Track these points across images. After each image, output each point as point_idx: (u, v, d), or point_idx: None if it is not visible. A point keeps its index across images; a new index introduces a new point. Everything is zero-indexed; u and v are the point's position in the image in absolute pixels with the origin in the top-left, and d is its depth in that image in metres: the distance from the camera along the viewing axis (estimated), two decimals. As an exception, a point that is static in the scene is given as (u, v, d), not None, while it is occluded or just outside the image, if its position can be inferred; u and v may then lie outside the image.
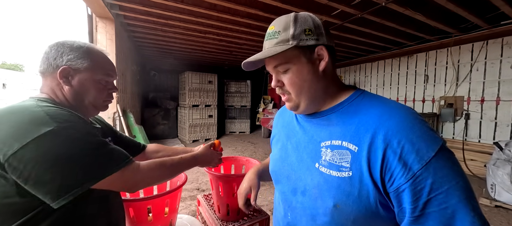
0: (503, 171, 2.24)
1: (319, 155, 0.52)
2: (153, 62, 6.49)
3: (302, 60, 0.51)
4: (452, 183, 0.39)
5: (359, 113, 0.50)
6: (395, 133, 0.43)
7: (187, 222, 1.22)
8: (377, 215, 0.46)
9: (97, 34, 2.99)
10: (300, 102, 0.54)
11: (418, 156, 0.40)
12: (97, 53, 0.67)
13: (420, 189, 0.40)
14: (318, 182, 0.51)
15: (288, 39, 0.50)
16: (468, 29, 3.21)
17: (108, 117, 3.13)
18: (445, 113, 3.61)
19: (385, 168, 0.43)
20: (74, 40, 0.65)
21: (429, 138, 0.42)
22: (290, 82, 0.53)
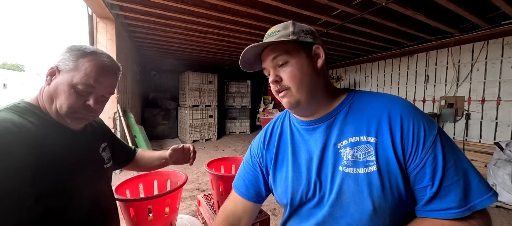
0: (504, 171, 2.23)
1: (340, 156, 0.50)
2: (154, 62, 6.49)
3: (301, 54, 0.53)
4: (455, 156, 0.45)
5: (364, 108, 0.52)
6: (405, 116, 0.47)
7: (187, 222, 1.22)
8: (406, 203, 0.47)
9: (98, 34, 3.00)
10: (301, 97, 0.52)
11: (427, 133, 0.46)
12: (92, 58, 0.60)
13: (435, 165, 0.44)
14: (347, 184, 0.49)
15: (288, 34, 0.52)
16: (468, 29, 3.21)
17: (109, 117, 3.13)
18: (446, 113, 3.61)
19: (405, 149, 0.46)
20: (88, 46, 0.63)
21: (429, 118, 0.49)
22: (290, 75, 0.52)
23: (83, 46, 0.61)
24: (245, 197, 0.67)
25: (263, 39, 0.56)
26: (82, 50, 0.60)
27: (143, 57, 5.75)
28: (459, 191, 0.43)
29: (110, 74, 0.64)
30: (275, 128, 0.67)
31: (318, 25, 3.16)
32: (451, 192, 0.43)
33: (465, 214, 0.42)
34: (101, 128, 0.82)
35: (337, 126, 0.53)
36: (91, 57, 0.60)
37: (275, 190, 0.63)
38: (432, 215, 0.45)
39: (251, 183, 0.67)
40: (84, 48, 0.61)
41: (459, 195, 0.43)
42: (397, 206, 0.47)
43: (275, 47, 0.53)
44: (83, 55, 0.60)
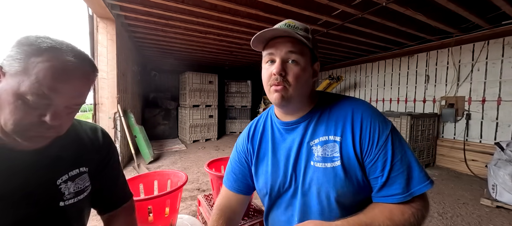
0: (505, 171, 2.23)
1: (312, 153, 0.59)
2: (154, 63, 6.50)
3: (308, 61, 0.59)
4: (402, 152, 0.55)
5: (333, 111, 0.61)
6: (364, 118, 0.57)
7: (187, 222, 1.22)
8: (364, 190, 0.57)
9: (98, 35, 3.00)
10: (294, 97, 0.58)
11: (381, 133, 0.55)
12: (49, 57, 0.43)
13: (385, 160, 0.54)
14: (317, 177, 0.58)
15: (309, 39, 0.58)
16: (469, 29, 3.20)
17: (109, 117, 3.14)
18: (446, 113, 3.60)
19: (363, 146, 0.56)
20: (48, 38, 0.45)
21: (384, 119, 0.58)
22: (296, 75, 0.56)
23: (39, 39, 0.44)
24: (237, 191, 0.73)
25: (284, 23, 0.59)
26: (35, 45, 0.43)
27: (143, 57, 5.75)
28: (403, 180, 0.53)
29: (76, 78, 0.46)
30: (258, 126, 0.73)
31: (318, 25, 3.16)
32: (397, 181, 0.53)
33: (407, 199, 0.52)
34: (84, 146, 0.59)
35: (311, 127, 0.61)
36: (48, 56, 0.43)
37: (256, 182, 0.70)
38: (382, 200, 0.54)
39: (240, 177, 0.73)
40: (39, 43, 0.44)
41: (403, 184, 0.53)
42: (357, 192, 0.57)
43: (296, 43, 0.56)
44: (36, 53, 0.43)
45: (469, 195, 2.58)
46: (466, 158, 3.36)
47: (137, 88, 4.97)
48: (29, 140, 0.46)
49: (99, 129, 0.66)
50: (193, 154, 4.27)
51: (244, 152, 0.72)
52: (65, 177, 0.53)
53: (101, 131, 0.66)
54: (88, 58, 0.50)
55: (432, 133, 3.63)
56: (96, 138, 0.63)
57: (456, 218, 2.08)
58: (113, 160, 0.66)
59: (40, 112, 0.44)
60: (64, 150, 0.55)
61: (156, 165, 3.58)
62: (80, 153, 0.58)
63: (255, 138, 0.71)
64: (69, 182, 0.54)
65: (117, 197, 0.68)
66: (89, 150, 0.60)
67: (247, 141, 0.72)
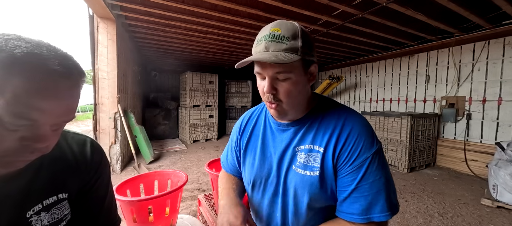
0: (505, 171, 2.23)
1: (295, 158, 0.60)
2: (154, 63, 6.50)
3: (301, 72, 0.54)
4: (376, 177, 0.54)
5: (324, 121, 0.60)
6: (352, 133, 0.56)
7: (188, 222, 1.22)
8: (332, 199, 0.59)
9: (99, 35, 3.01)
10: (289, 111, 0.58)
11: (361, 153, 0.54)
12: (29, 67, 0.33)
13: (354, 179, 0.54)
14: (295, 182, 0.59)
15: (298, 49, 0.51)
16: (469, 29, 3.20)
17: (109, 118, 3.14)
18: (447, 113, 3.60)
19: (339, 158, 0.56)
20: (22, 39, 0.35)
21: (371, 140, 0.56)
22: (287, 92, 0.54)
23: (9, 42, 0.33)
24: (233, 173, 0.80)
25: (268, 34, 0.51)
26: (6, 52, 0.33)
27: (143, 57, 5.76)
28: (364, 204, 0.53)
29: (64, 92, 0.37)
30: (251, 118, 0.74)
31: (319, 25, 3.16)
32: (358, 202, 0.54)
33: (363, 221, 0.53)
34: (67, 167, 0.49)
35: (301, 133, 0.61)
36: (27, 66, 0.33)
37: (243, 171, 0.74)
38: (341, 215, 0.56)
39: (233, 162, 0.79)
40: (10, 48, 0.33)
41: (363, 206, 0.53)
42: (329, 200, 0.59)
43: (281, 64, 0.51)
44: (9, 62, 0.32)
45: (470, 195, 2.57)
46: (466, 158, 3.35)
47: (138, 88, 4.98)
48: (6, 167, 0.38)
49: (89, 142, 0.55)
50: (193, 154, 4.27)
51: (236, 142, 0.76)
52: (38, 207, 0.44)
53: (90, 144, 0.55)
54: (75, 62, 0.40)
55: (433, 133, 3.63)
56: (83, 154, 0.53)
57: (456, 218, 2.08)
58: (101, 179, 0.55)
59: (21, 135, 0.35)
60: (40, 174, 0.45)
61: (157, 165, 3.58)
62: (60, 176, 0.48)
63: (245, 131, 0.73)
64: (43, 212, 0.44)
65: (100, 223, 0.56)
66: (73, 171, 0.50)
67: (238, 132, 0.75)
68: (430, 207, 2.29)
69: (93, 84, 3.05)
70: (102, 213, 0.56)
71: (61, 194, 0.47)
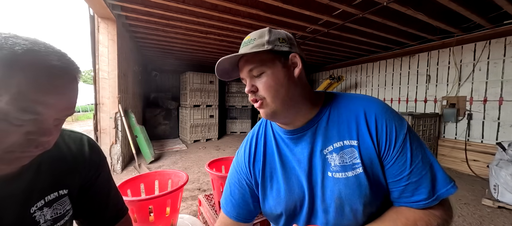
0: (506, 171, 2.22)
1: (327, 163, 0.52)
2: (155, 63, 6.51)
3: (277, 64, 0.52)
4: (422, 152, 0.50)
5: (342, 112, 0.54)
6: (379, 116, 0.51)
7: (188, 222, 1.22)
8: (381, 196, 0.52)
9: (99, 35, 3.01)
10: (277, 108, 0.52)
11: (398, 133, 0.50)
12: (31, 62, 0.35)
13: (405, 162, 0.49)
14: (339, 190, 0.50)
15: (263, 44, 0.51)
16: (470, 29, 3.19)
17: (110, 118, 3.15)
18: (448, 113, 3.59)
19: (380, 147, 0.50)
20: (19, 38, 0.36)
21: (399, 117, 0.52)
22: (265, 86, 0.51)
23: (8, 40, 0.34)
24: (236, 219, 0.63)
25: (240, 46, 0.55)
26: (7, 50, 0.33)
27: (144, 57, 5.76)
28: (427, 184, 0.48)
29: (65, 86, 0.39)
30: (259, 139, 0.64)
31: (319, 25, 3.15)
32: (422, 184, 0.48)
33: (434, 203, 0.48)
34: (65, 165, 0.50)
35: (321, 132, 0.54)
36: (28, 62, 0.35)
37: (266, 202, 0.60)
38: (407, 205, 0.50)
39: (240, 202, 0.63)
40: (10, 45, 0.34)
41: (428, 187, 0.48)
42: (381, 198, 0.52)
43: (250, 58, 0.52)
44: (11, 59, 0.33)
45: (471, 195, 2.57)
46: (467, 158, 3.35)
47: (138, 88, 4.98)
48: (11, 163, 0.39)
49: (86, 140, 0.56)
50: (193, 154, 4.28)
51: (245, 173, 0.63)
52: (40, 203, 0.46)
53: (88, 143, 0.56)
54: (71, 58, 0.41)
55: (433, 133, 3.62)
56: (81, 153, 0.54)
57: (457, 218, 2.08)
58: (101, 176, 0.57)
59: (26, 130, 0.36)
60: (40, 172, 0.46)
61: (157, 165, 3.59)
62: (59, 174, 0.49)
63: (257, 156, 0.61)
64: (45, 208, 0.46)
65: (111, 215, 0.60)
66: (71, 169, 0.51)
67: (249, 161, 0.62)
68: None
69: (94, 84, 3.05)
70: (109, 205, 0.59)
71: (61, 190, 0.49)
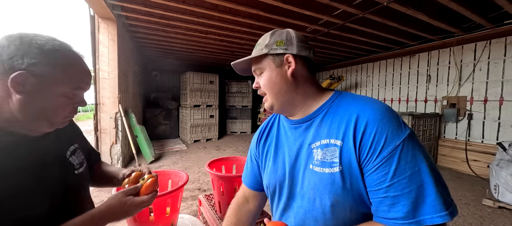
0: (507, 171, 2.22)
1: (312, 156, 0.56)
2: (155, 63, 6.51)
3: (272, 65, 0.60)
4: (415, 169, 0.45)
5: (340, 111, 0.56)
6: (370, 123, 0.49)
7: (188, 221, 1.22)
8: (365, 204, 0.51)
9: (99, 35, 3.01)
10: (273, 102, 0.61)
11: (387, 143, 0.47)
12: (70, 58, 0.53)
13: (386, 173, 0.46)
14: (315, 182, 0.54)
15: (263, 48, 0.61)
16: (471, 29, 3.19)
17: (110, 118, 3.15)
18: (448, 113, 3.59)
19: (361, 154, 0.49)
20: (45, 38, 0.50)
21: (397, 128, 0.48)
22: (263, 83, 0.62)
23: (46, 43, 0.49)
24: (251, 187, 0.76)
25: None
26: (56, 52, 0.50)
27: (144, 57, 5.77)
28: (407, 203, 0.44)
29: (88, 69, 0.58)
30: (270, 123, 0.74)
31: (319, 25, 3.15)
32: (399, 203, 0.45)
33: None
34: (69, 128, 0.66)
35: (314, 128, 0.58)
36: (74, 60, 0.54)
37: (263, 176, 0.71)
38: (380, 221, 0.48)
39: (253, 174, 0.76)
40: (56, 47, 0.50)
41: (407, 207, 0.44)
42: (357, 205, 0.51)
43: (254, 60, 0.63)
44: (61, 58, 0.51)
45: (471, 195, 2.56)
46: (468, 158, 3.34)
47: (138, 88, 4.99)
48: (62, 125, 0.56)
49: None
50: (194, 154, 4.28)
51: (255, 150, 0.75)
52: (69, 151, 0.63)
53: None
54: None
55: (434, 133, 3.62)
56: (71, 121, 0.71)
57: (458, 218, 2.08)
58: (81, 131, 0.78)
59: (74, 101, 0.55)
60: (58, 133, 0.61)
61: (157, 165, 3.59)
62: (67, 133, 0.65)
63: (263, 137, 0.73)
64: (73, 155, 0.63)
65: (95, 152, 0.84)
66: (71, 129, 0.69)
67: (258, 138, 0.74)
68: None
69: (94, 84, 3.06)
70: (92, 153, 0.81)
71: (74, 144, 0.66)
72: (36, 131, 0.53)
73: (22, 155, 0.50)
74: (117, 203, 0.59)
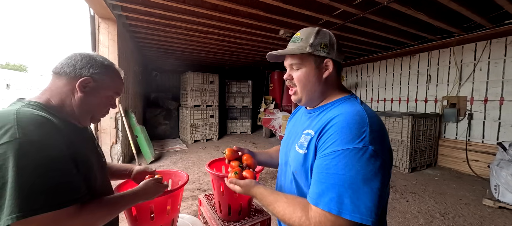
0: (507, 171, 2.22)
1: (299, 138, 0.69)
2: (155, 63, 6.52)
3: (312, 65, 0.67)
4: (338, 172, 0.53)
5: (330, 112, 0.64)
6: (335, 124, 0.58)
7: (188, 221, 1.22)
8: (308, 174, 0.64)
9: (100, 35, 3.01)
10: (302, 97, 0.70)
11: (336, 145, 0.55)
12: (116, 71, 0.74)
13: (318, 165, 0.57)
14: (293, 156, 0.70)
15: (307, 46, 0.66)
16: (471, 29, 3.19)
17: (110, 118, 3.15)
18: (448, 113, 3.59)
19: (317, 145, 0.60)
20: (101, 56, 0.72)
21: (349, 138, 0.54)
22: (298, 78, 0.69)
23: (103, 60, 0.71)
24: None
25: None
26: (108, 66, 0.71)
27: (144, 58, 5.77)
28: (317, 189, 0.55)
29: (122, 80, 0.78)
30: (297, 109, 0.89)
31: (319, 25, 3.15)
32: (315, 185, 0.56)
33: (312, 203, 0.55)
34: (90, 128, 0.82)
35: (312, 119, 0.70)
36: (117, 72, 0.74)
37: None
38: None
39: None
40: (107, 63, 0.72)
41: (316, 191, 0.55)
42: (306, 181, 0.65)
43: (294, 55, 0.68)
44: (111, 70, 0.72)
45: (471, 195, 2.56)
46: (468, 158, 3.34)
47: (139, 88, 4.99)
48: (97, 121, 0.75)
49: None
50: (194, 154, 4.28)
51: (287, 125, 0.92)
52: (97, 143, 0.78)
53: None
54: None
55: (434, 133, 3.62)
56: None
57: (458, 218, 2.07)
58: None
59: (111, 103, 0.73)
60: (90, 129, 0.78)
61: (157, 165, 3.59)
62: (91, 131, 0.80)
63: (291, 117, 0.90)
64: (98, 147, 0.77)
65: None
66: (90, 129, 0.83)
67: (290, 117, 0.91)
68: (432, 207, 2.28)
69: (94, 84, 3.06)
70: None
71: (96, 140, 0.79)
72: (82, 124, 0.69)
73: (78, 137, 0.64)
74: (147, 186, 0.80)
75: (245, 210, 1.19)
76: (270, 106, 6.08)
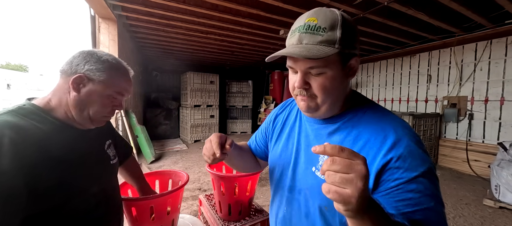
0: (508, 172, 2.21)
1: (317, 160, 0.53)
2: (155, 63, 6.52)
3: (338, 67, 0.48)
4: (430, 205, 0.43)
5: (359, 126, 0.51)
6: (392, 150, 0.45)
7: (189, 221, 1.22)
8: None
9: (100, 35, 3.02)
10: (322, 107, 0.51)
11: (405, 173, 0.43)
12: (118, 69, 0.67)
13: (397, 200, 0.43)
14: (312, 184, 0.53)
15: (335, 41, 0.44)
16: (471, 29, 3.18)
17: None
18: (449, 113, 3.58)
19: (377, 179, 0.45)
20: (105, 53, 0.66)
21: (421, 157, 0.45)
22: (321, 86, 0.48)
23: (104, 56, 0.65)
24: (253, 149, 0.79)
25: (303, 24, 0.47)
26: (109, 62, 0.65)
27: (145, 58, 5.77)
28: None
29: (130, 79, 0.72)
30: (289, 106, 0.71)
31: (320, 25, 3.15)
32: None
33: None
34: (106, 125, 0.79)
35: (330, 133, 0.54)
36: (121, 70, 0.68)
37: (269, 158, 0.71)
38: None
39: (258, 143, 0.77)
40: (110, 59, 0.66)
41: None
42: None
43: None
44: (112, 67, 0.65)
45: (472, 195, 2.56)
46: (468, 159, 3.34)
47: (139, 88, 4.99)
48: (101, 123, 0.68)
49: None
50: (194, 154, 4.28)
51: (268, 124, 0.74)
52: (106, 145, 0.75)
53: None
54: None
55: (434, 133, 3.61)
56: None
57: (458, 218, 2.07)
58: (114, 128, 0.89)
59: (114, 104, 0.67)
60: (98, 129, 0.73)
61: (158, 164, 3.59)
62: (105, 130, 0.78)
63: (278, 118, 0.71)
64: (108, 149, 0.75)
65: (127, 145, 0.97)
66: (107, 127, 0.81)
67: (274, 116, 0.73)
68: None
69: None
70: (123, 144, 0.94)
71: (108, 140, 0.77)
72: (82, 125, 0.65)
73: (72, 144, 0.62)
74: None
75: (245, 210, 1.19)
76: (270, 106, 6.08)
